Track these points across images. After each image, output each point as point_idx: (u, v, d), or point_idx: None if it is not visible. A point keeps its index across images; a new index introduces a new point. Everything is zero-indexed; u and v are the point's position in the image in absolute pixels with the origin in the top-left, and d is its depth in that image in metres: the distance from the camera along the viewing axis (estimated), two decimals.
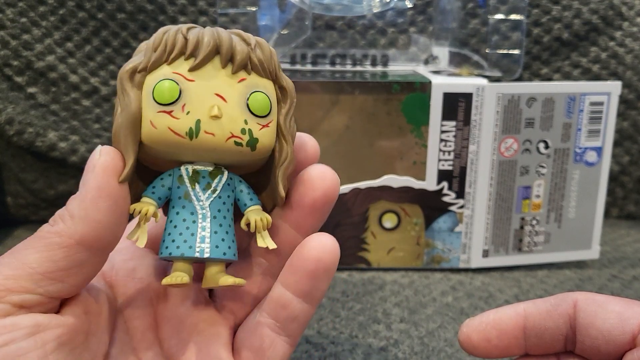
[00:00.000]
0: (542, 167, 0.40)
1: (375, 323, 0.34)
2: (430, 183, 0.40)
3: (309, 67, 0.45)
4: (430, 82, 0.38)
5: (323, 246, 0.22)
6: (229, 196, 0.23)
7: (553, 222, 0.41)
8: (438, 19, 0.47)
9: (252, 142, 0.22)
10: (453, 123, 0.39)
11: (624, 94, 0.50)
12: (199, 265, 0.24)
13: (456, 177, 0.40)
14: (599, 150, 0.41)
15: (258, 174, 0.25)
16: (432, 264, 0.41)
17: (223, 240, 0.22)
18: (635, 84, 0.50)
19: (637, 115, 0.51)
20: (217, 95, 0.21)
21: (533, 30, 0.49)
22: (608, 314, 0.21)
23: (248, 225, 0.23)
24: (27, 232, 0.48)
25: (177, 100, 0.21)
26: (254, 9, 0.43)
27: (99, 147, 0.21)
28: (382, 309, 0.36)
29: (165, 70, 0.21)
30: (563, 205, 0.41)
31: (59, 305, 0.21)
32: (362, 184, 0.39)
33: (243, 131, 0.21)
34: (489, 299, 0.38)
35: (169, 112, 0.21)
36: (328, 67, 0.45)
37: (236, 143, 0.21)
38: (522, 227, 0.41)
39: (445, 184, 0.40)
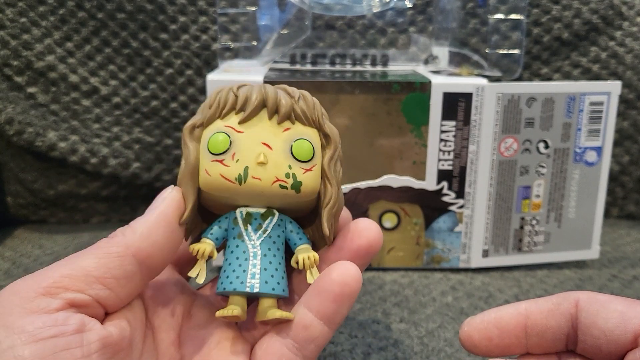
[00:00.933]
0: (542, 167, 0.40)
1: (375, 323, 0.34)
2: (430, 183, 0.40)
3: (308, 67, 0.45)
4: (430, 82, 0.38)
5: (349, 272, 0.24)
6: (279, 236, 0.25)
7: (553, 222, 0.41)
8: (438, 19, 0.47)
9: (296, 185, 0.24)
10: (453, 123, 0.39)
11: (624, 93, 0.50)
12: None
13: (456, 177, 0.40)
14: (598, 150, 0.41)
15: (309, 217, 0.27)
16: (432, 264, 0.41)
17: (272, 276, 0.24)
18: (635, 83, 0.50)
19: (637, 115, 0.51)
20: (264, 143, 0.24)
21: (533, 30, 0.49)
22: (610, 313, 0.21)
23: (298, 263, 0.25)
24: (27, 231, 0.49)
25: (227, 149, 0.23)
26: (253, 8, 0.43)
27: (172, 186, 0.24)
28: (381, 309, 0.36)
29: (218, 124, 0.24)
30: (563, 205, 0.41)
31: (103, 316, 0.22)
32: (362, 184, 0.39)
33: (287, 175, 0.24)
34: (488, 298, 0.38)
35: (221, 161, 0.23)
36: (328, 67, 0.45)
37: (281, 186, 0.24)
38: (522, 227, 0.41)
39: (445, 183, 0.40)
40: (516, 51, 0.42)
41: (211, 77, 0.38)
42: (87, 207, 0.51)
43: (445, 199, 0.40)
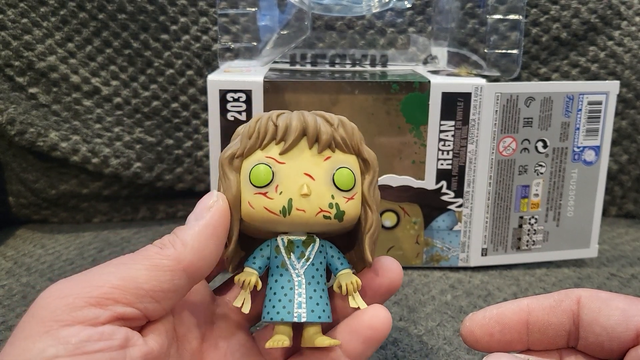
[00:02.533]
0: (541, 166, 0.40)
1: None
2: (429, 182, 0.40)
3: (308, 67, 0.45)
4: (429, 82, 0.38)
5: (380, 318, 0.25)
6: (321, 262, 0.25)
7: (552, 221, 0.42)
8: (437, 19, 0.47)
9: (340, 215, 0.24)
10: (452, 122, 0.39)
11: (622, 93, 0.50)
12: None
13: (455, 176, 0.40)
14: (597, 149, 0.41)
15: (347, 236, 0.27)
16: (431, 263, 0.41)
17: (317, 304, 0.24)
18: (634, 83, 0.50)
19: (636, 114, 0.51)
20: (306, 174, 0.24)
21: (531, 30, 0.49)
22: (612, 310, 0.21)
23: (340, 287, 0.25)
24: (29, 231, 0.49)
25: (270, 182, 0.24)
26: (253, 9, 0.43)
27: (215, 191, 0.24)
28: None
29: (259, 155, 0.24)
30: (562, 204, 0.41)
31: (144, 325, 0.22)
32: None
33: (330, 205, 0.24)
34: (487, 297, 0.38)
35: (265, 194, 0.24)
36: (327, 67, 0.45)
37: (325, 217, 0.24)
38: (520, 226, 0.41)
39: (444, 183, 0.40)
40: (515, 51, 0.42)
41: (212, 77, 0.38)
42: (89, 207, 0.51)
43: (445, 198, 0.40)
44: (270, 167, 0.24)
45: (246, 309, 0.24)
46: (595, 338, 0.21)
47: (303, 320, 0.24)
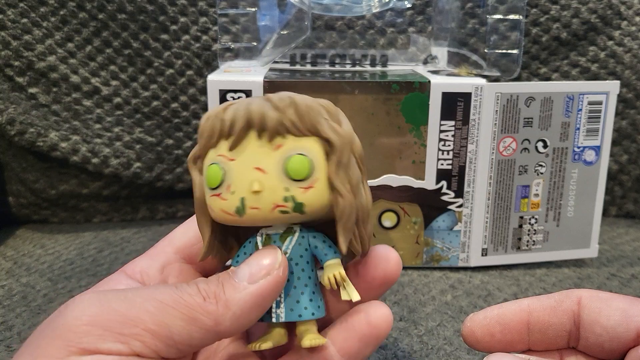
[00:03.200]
0: (541, 166, 0.40)
1: None
2: (429, 182, 0.40)
3: (308, 67, 0.45)
4: (429, 82, 0.38)
5: (378, 314, 0.23)
6: (301, 255, 0.23)
7: (552, 221, 0.41)
8: (437, 19, 0.47)
9: (298, 207, 0.22)
10: (452, 122, 0.39)
11: (623, 93, 0.50)
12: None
13: (455, 177, 0.40)
14: (597, 149, 0.41)
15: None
16: (431, 263, 0.41)
17: (298, 302, 0.23)
18: (634, 83, 0.50)
19: (636, 114, 0.51)
20: (257, 168, 0.22)
21: (532, 29, 0.49)
22: (612, 311, 0.21)
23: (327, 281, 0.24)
24: (29, 231, 0.49)
25: (222, 182, 0.22)
26: (253, 9, 0.43)
27: (279, 252, 0.22)
28: None
29: (211, 154, 0.22)
30: (562, 204, 0.41)
31: None
32: None
33: (286, 199, 0.21)
34: (487, 297, 0.38)
35: (219, 195, 0.22)
36: (327, 67, 0.45)
37: (282, 212, 0.22)
38: (520, 226, 0.41)
39: (444, 183, 0.40)
40: (515, 51, 0.42)
41: (212, 77, 0.38)
42: (89, 207, 0.51)
43: (445, 198, 0.40)
44: (221, 166, 0.22)
45: None
46: (596, 338, 0.21)
47: (281, 320, 0.23)
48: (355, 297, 0.23)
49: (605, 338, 0.21)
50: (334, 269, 0.23)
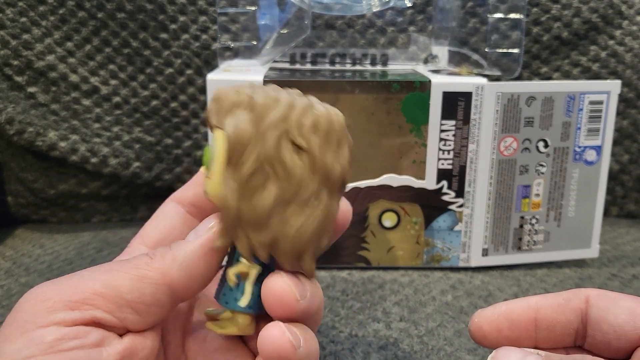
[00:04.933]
0: (542, 166, 0.40)
1: (375, 322, 0.34)
2: (429, 182, 0.40)
3: (308, 66, 0.45)
4: (429, 81, 0.38)
5: (272, 341, 0.21)
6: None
7: (553, 221, 0.41)
8: (437, 18, 0.47)
9: (205, 195, 0.22)
10: (452, 122, 0.39)
11: (624, 92, 0.50)
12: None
13: (456, 176, 0.40)
14: (598, 149, 0.41)
15: None
16: (431, 263, 0.41)
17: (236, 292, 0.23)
18: (635, 82, 0.50)
19: (637, 114, 0.51)
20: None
21: (532, 29, 0.49)
22: (620, 309, 0.21)
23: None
24: (28, 231, 0.49)
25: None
26: (253, 8, 0.43)
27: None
28: (381, 308, 0.36)
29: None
30: (563, 204, 0.41)
31: (125, 333, 0.21)
32: (362, 183, 0.39)
33: (204, 184, 0.22)
34: (488, 297, 0.38)
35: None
36: (328, 67, 0.45)
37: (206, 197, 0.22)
38: (521, 226, 0.41)
39: (444, 183, 0.40)
40: (516, 50, 0.42)
41: (211, 76, 0.38)
42: (88, 207, 0.51)
43: (445, 198, 0.40)
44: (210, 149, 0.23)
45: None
46: (603, 336, 0.21)
47: (230, 307, 0.23)
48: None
49: (612, 336, 0.21)
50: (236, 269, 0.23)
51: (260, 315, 0.23)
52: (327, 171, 0.21)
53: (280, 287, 0.21)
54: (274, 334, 0.21)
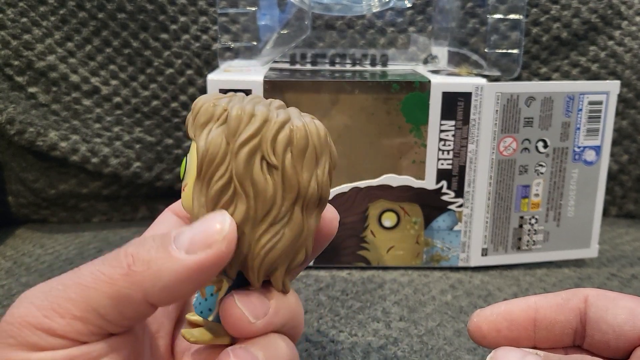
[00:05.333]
0: (541, 166, 0.40)
1: (375, 321, 0.35)
2: (429, 182, 0.40)
3: (308, 66, 0.45)
4: (429, 82, 0.38)
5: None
6: None
7: (552, 221, 0.41)
8: (437, 19, 0.47)
9: (182, 204, 0.22)
10: (452, 122, 0.39)
11: (623, 92, 0.50)
12: None
13: (455, 176, 0.40)
14: (597, 149, 0.41)
15: None
16: (431, 263, 0.41)
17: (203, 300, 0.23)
18: (634, 82, 0.50)
19: (636, 114, 0.51)
20: None
21: (532, 29, 0.49)
22: (620, 309, 0.21)
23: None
24: (28, 231, 0.49)
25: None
26: (253, 8, 0.43)
27: (227, 216, 0.20)
28: (381, 308, 0.36)
29: None
30: (562, 204, 0.41)
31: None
32: (362, 183, 0.40)
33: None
34: (488, 297, 0.38)
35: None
36: (328, 67, 0.45)
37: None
38: (521, 226, 0.41)
39: (444, 183, 0.40)
40: (515, 51, 0.42)
41: (212, 77, 0.38)
42: (88, 207, 0.51)
43: (445, 198, 0.40)
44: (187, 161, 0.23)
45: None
46: (602, 336, 0.21)
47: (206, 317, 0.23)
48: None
49: (611, 336, 0.21)
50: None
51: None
52: (301, 189, 0.21)
53: (231, 310, 0.21)
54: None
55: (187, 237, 0.19)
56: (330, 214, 0.24)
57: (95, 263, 0.19)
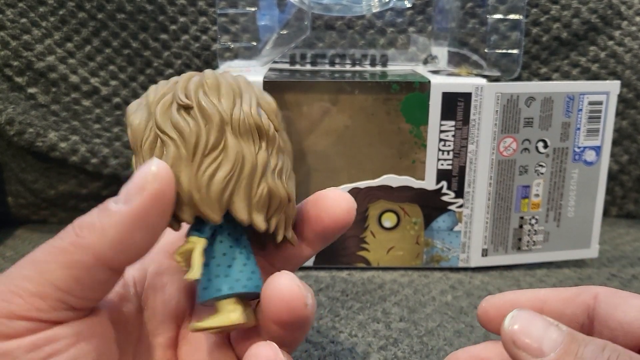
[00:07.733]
0: (541, 166, 0.40)
1: (375, 322, 0.35)
2: (429, 182, 0.40)
3: (308, 67, 0.45)
4: (429, 82, 0.38)
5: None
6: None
7: (552, 221, 0.41)
8: (437, 19, 0.47)
9: None
10: (452, 123, 0.39)
11: (623, 93, 0.50)
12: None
13: (455, 177, 0.40)
14: (597, 150, 0.41)
15: None
16: (431, 263, 0.41)
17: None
18: (634, 83, 0.50)
19: (636, 114, 0.51)
20: None
21: (532, 29, 0.49)
22: (630, 307, 0.21)
23: None
24: (28, 231, 0.49)
25: None
26: (253, 9, 0.43)
27: (155, 159, 0.20)
28: (381, 308, 0.36)
29: None
30: (562, 205, 0.41)
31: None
32: (362, 184, 0.40)
33: None
34: None
35: None
36: (327, 67, 0.45)
37: None
38: (521, 226, 0.41)
39: (444, 183, 0.40)
40: (515, 51, 0.42)
41: None
42: (88, 207, 0.50)
43: (445, 198, 0.40)
44: None
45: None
46: (610, 333, 0.21)
47: (199, 301, 0.23)
48: (192, 276, 0.21)
49: (619, 333, 0.21)
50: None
51: (245, 301, 0.23)
52: (223, 116, 0.21)
53: (287, 287, 0.20)
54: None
55: (123, 191, 0.19)
56: (347, 203, 0.23)
57: (47, 242, 0.20)
